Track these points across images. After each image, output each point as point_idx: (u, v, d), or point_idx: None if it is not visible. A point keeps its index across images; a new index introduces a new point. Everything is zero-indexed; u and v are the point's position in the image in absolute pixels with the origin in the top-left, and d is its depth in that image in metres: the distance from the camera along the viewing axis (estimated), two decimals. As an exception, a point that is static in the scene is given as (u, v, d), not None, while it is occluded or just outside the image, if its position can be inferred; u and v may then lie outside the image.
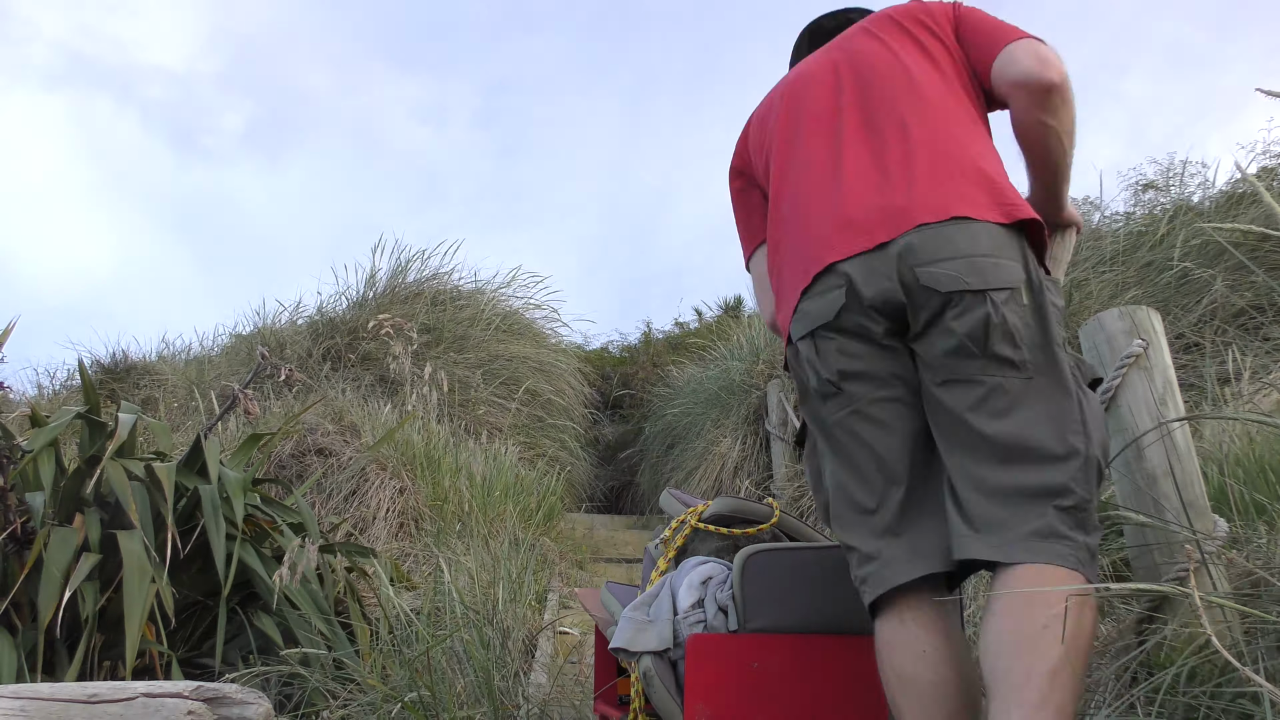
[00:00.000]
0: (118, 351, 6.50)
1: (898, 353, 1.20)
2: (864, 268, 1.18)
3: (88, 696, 1.14)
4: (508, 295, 7.31)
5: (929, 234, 1.15)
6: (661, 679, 1.39)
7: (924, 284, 1.13)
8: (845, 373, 1.19)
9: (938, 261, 1.13)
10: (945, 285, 1.12)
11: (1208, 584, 1.30)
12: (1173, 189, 5.41)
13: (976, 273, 1.12)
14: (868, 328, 1.18)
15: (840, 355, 1.20)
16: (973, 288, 1.11)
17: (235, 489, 2.15)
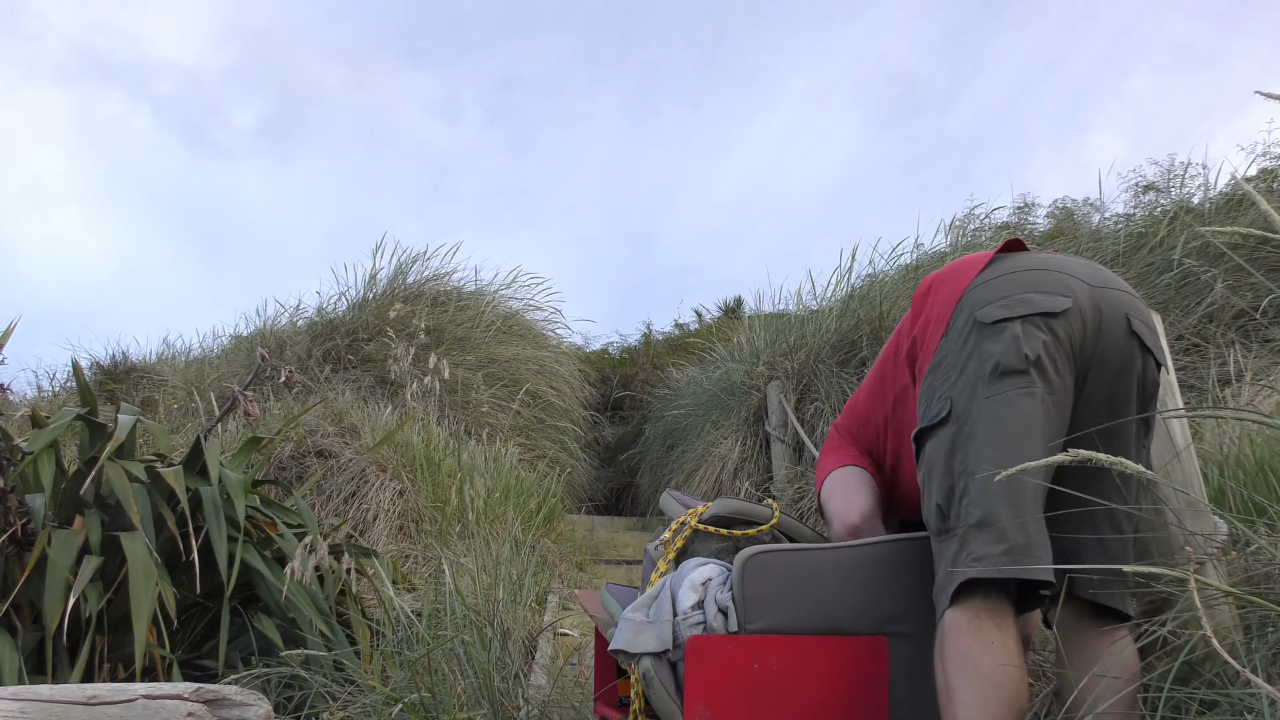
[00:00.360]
0: (117, 353, 6.51)
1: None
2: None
3: (88, 698, 1.14)
4: (508, 296, 7.32)
5: None
6: (661, 680, 1.39)
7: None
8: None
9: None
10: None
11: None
12: (1173, 190, 5.41)
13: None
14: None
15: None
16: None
17: (236, 490, 2.15)
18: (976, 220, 6.26)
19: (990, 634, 1.10)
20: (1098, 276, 1.31)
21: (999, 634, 1.10)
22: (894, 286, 5.13)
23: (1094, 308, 1.25)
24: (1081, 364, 1.25)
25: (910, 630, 1.35)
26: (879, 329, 4.76)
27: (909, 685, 1.34)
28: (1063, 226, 6.15)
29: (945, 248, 5.75)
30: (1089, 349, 1.25)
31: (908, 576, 1.38)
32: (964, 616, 1.13)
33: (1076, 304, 1.24)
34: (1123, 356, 1.25)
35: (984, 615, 1.12)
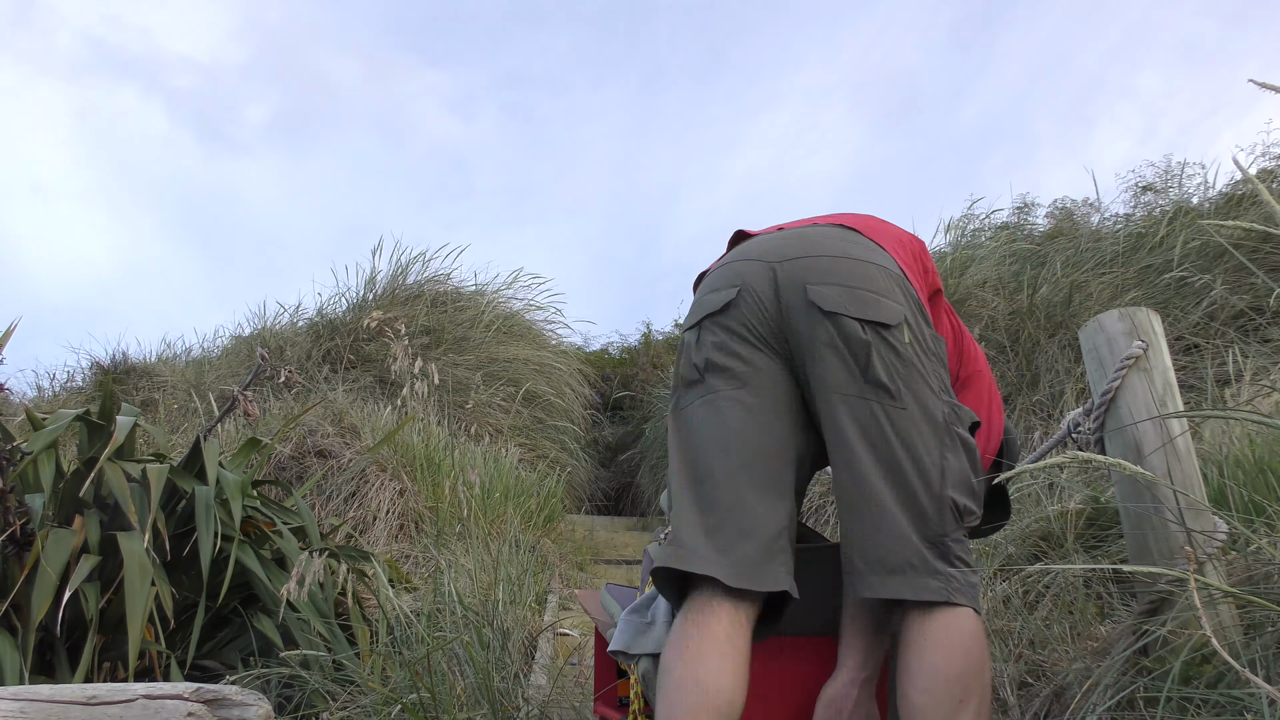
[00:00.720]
0: (117, 353, 6.51)
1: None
2: None
3: (88, 698, 1.14)
4: (508, 297, 7.33)
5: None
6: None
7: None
8: None
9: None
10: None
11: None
12: (1171, 191, 5.42)
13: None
14: None
15: None
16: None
17: (234, 491, 2.15)
18: (976, 220, 6.27)
19: (689, 637, 1.10)
20: (785, 249, 1.23)
21: (697, 635, 1.09)
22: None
23: (770, 285, 1.20)
24: (780, 342, 1.20)
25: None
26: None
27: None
28: (1062, 226, 6.15)
29: (945, 247, 5.76)
30: (778, 326, 1.20)
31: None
32: (675, 626, 1.14)
33: (745, 289, 1.21)
34: (808, 326, 1.17)
35: (688, 621, 1.11)
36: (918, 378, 1.15)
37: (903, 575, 1.09)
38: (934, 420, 1.14)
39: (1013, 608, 1.93)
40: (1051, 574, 1.92)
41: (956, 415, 1.17)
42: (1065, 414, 3.26)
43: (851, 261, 1.20)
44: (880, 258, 1.23)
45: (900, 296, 1.19)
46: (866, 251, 1.23)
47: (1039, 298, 4.39)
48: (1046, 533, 2.15)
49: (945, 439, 1.14)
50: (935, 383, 1.17)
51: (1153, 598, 1.41)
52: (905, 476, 1.11)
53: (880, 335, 1.14)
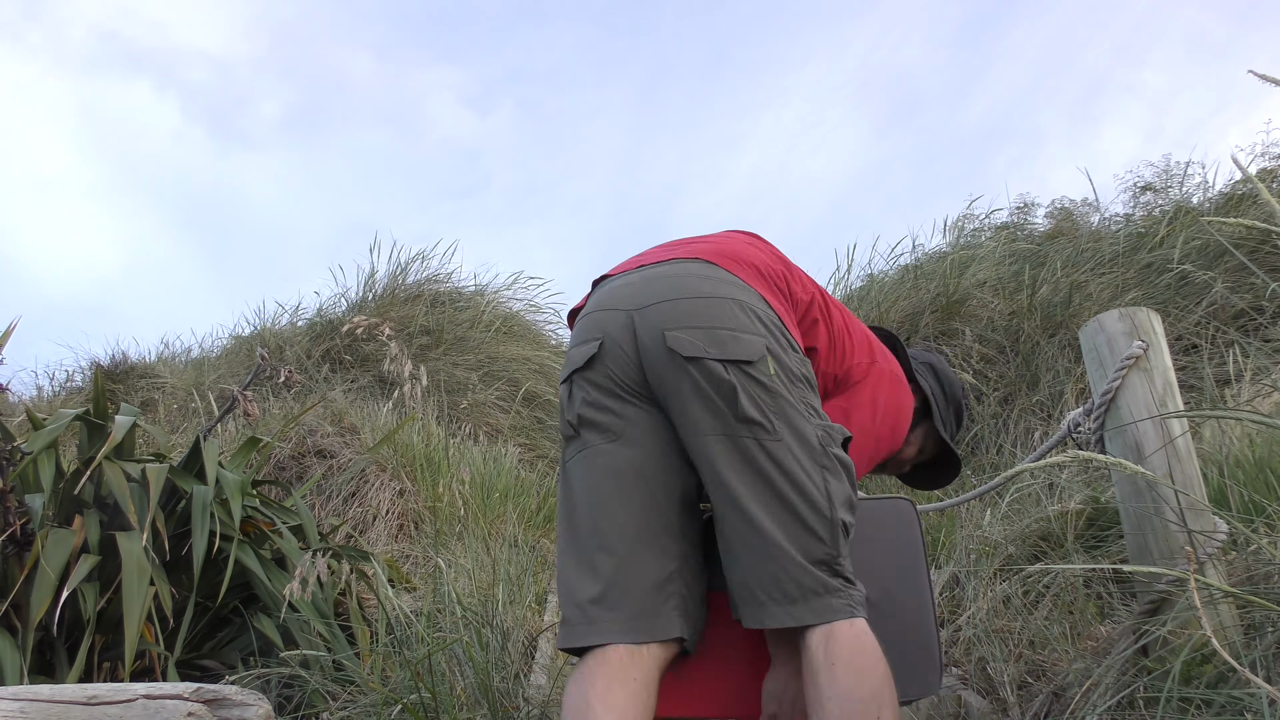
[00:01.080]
0: (117, 353, 6.51)
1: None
2: None
3: (88, 698, 1.14)
4: (508, 297, 7.33)
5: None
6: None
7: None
8: None
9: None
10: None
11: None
12: (1171, 191, 5.42)
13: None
14: None
15: None
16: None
17: (234, 491, 2.15)
18: (976, 220, 6.27)
19: (585, 667, 1.13)
20: (640, 296, 1.23)
21: (587, 680, 1.11)
22: (893, 287, 5.13)
23: (629, 334, 1.20)
24: (647, 389, 1.21)
25: (875, 591, 1.29)
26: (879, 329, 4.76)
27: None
28: (1062, 226, 6.16)
29: (945, 247, 5.76)
30: (641, 375, 1.20)
31: (871, 538, 1.34)
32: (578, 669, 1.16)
33: (608, 340, 1.21)
34: (671, 373, 1.17)
35: (586, 667, 1.14)
36: (787, 406, 1.16)
37: (805, 602, 1.10)
38: (810, 446, 1.15)
39: (1013, 608, 1.93)
40: (1051, 574, 1.92)
41: (830, 436, 1.19)
42: (1065, 414, 3.26)
43: (706, 301, 1.19)
44: (736, 290, 1.22)
45: (760, 328, 1.19)
46: (721, 286, 1.22)
47: (1039, 298, 4.39)
48: (1046, 533, 2.15)
49: (824, 462, 1.16)
50: (804, 408, 1.18)
51: (1153, 598, 1.41)
52: (791, 505, 1.12)
53: (744, 372, 1.15)
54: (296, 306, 6.99)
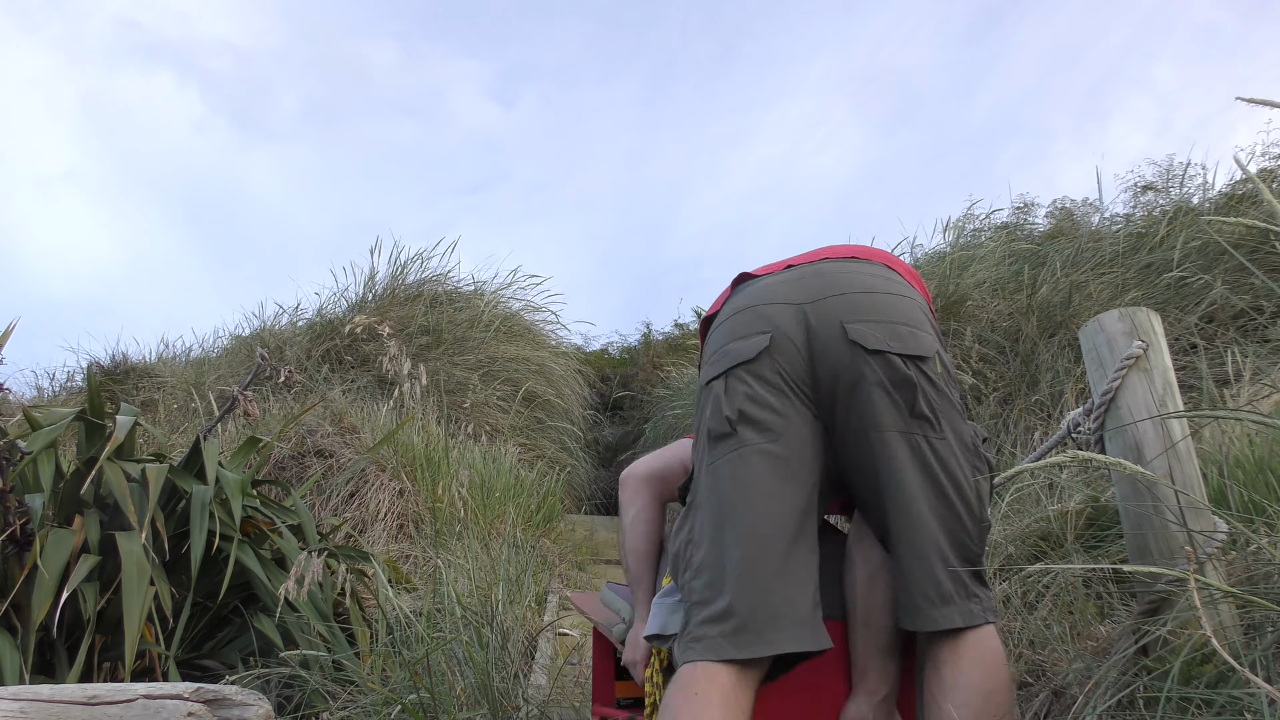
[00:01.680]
0: (117, 353, 6.51)
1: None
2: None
3: (88, 698, 1.14)
4: (507, 297, 7.33)
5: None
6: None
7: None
8: None
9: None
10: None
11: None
12: (1172, 190, 5.42)
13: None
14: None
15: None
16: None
17: (234, 491, 2.15)
18: (976, 220, 6.27)
19: (699, 687, 1.07)
20: (813, 289, 1.21)
21: (706, 686, 1.07)
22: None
23: (801, 328, 1.18)
24: (813, 390, 1.18)
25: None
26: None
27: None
28: (1062, 226, 6.16)
29: (944, 247, 5.76)
30: (809, 371, 1.17)
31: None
32: (685, 671, 1.11)
33: (779, 334, 1.18)
34: (848, 369, 1.15)
35: (699, 672, 1.09)
36: (950, 406, 1.17)
37: (954, 604, 1.11)
38: (966, 445, 1.17)
39: (1013, 608, 1.93)
40: (1051, 574, 1.92)
41: (978, 435, 1.20)
42: (1065, 414, 3.26)
43: (882, 296, 1.20)
44: (904, 288, 1.24)
45: (929, 327, 1.21)
46: (891, 284, 1.23)
47: (1038, 298, 4.39)
48: (1046, 533, 2.15)
49: (976, 461, 1.17)
50: (960, 408, 1.20)
51: (1153, 598, 1.41)
52: (953, 506, 1.13)
53: (920, 369, 1.15)
54: (296, 306, 7.00)
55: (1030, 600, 1.97)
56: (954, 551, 1.12)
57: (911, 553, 1.13)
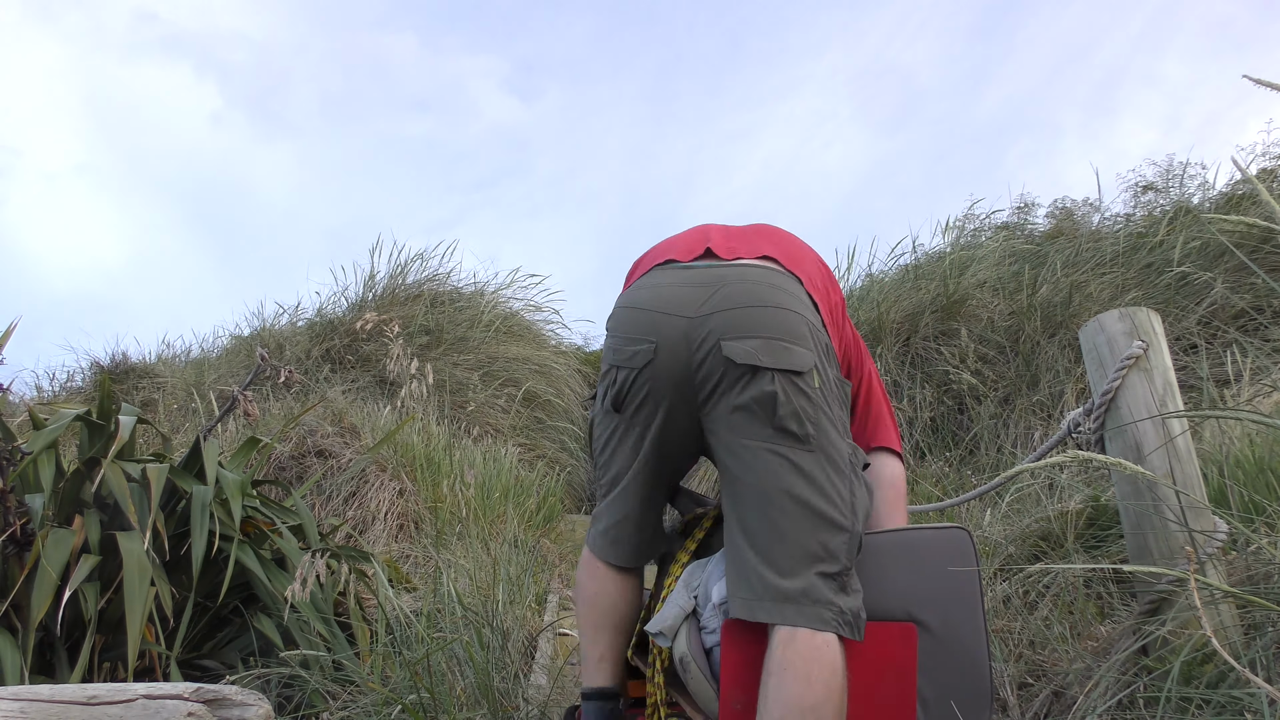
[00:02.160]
0: (117, 353, 6.51)
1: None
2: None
3: (88, 698, 1.14)
4: (508, 297, 7.34)
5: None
6: (698, 666, 1.40)
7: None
8: None
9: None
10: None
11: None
12: (1172, 190, 5.42)
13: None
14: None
15: None
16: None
17: (234, 491, 2.15)
18: (976, 220, 6.27)
19: (593, 568, 1.49)
20: (700, 301, 1.27)
21: (596, 568, 1.49)
22: (893, 287, 5.13)
23: (683, 341, 1.25)
24: (688, 389, 1.26)
25: (934, 618, 1.35)
26: (878, 329, 4.76)
27: (927, 674, 1.33)
28: (1062, 226, 6.16)
29: (945, 247, 5.76)
30: (686, 377, 1.25)
31: (933, 564, 1.37)
32: (584, 554, 1.52)
33: (661, 345, 1.26)
34: (719, 381, 1.22)
35: (588, 556, 1.51)
36: (825, 420, 1.20)
37: (796, 604, 1.13)
38: (841, 459, 1.20)
39: (1013, 608, 1.93)
40: (1051, 574, 1.92)
41: (856, 455, 1.24)
42: (1065, 414, 3.26)
43: (764, 310, 1.23)
44: (794, 302, 1.26)
45: (810, 342, 1.22)
46: (777, 294, 1.25)
47: (1039, 298, 4.39)
48: (1046, 533, 2.15)
49: (853, 477, 1.20)
50: (839, 425, 1.22)
51: (1153, 598, 1.41)
52: (812, 514, 1.15)
53: (791, 382, 1.18)
54: (297, 306, 7.00)
55: (1030, 600, 1.97)
56: (808, 560, 1.14)
57: (744, 549, 1.19)
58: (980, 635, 1.34)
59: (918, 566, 1.37)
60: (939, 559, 1.37)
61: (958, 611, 1.34)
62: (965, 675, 1.31)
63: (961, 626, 1.33)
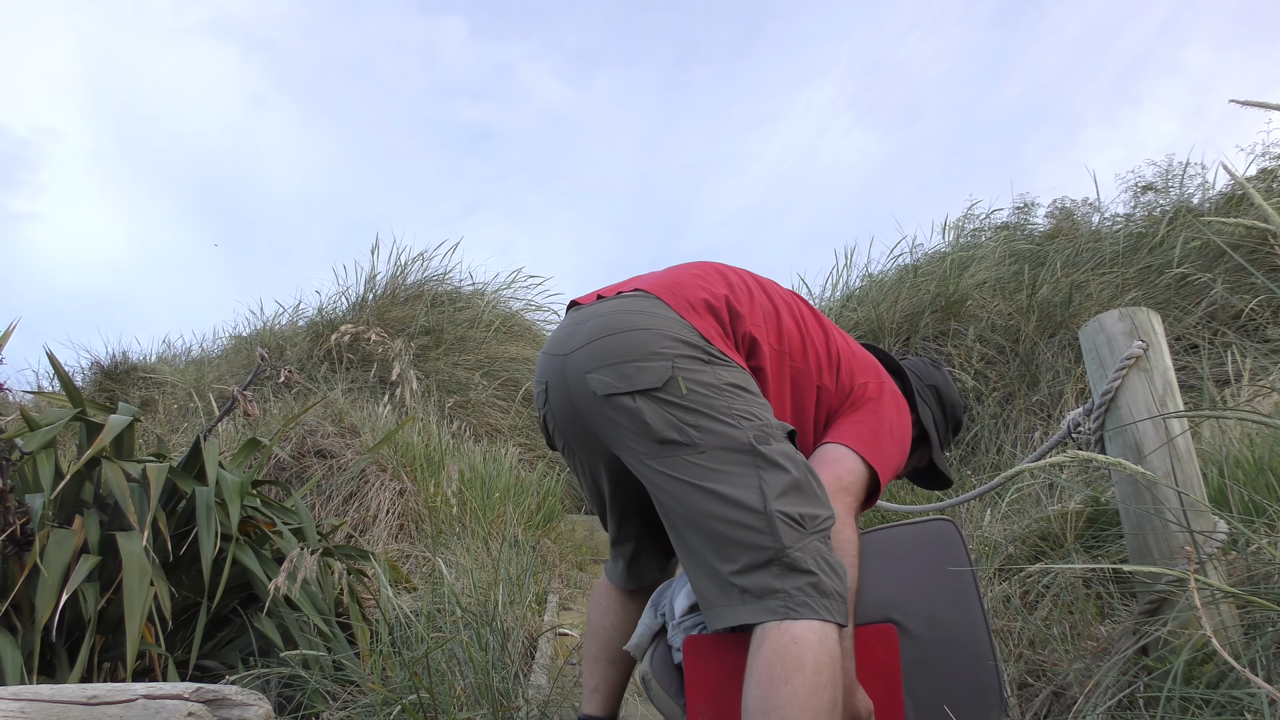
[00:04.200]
0: (117, 353, 6.51)
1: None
2: None
3: (88, 698, 1.14)
4: (507, 297, 7.34)
5: None
6: (660, 683, 1.41)
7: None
8: None
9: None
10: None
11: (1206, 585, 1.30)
12: (1172, 191, 5.42)
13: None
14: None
15: None
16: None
17: (233, 491, 2.15)
18: (976, 220, 6.28)
19: (598, 593, 1.67)
20: (571, 340, 1.33)
21: (600, 593, 1.66)
22: (893, 286, 5.14)
23: (561, 380, 1.33)
24: (585, 429, 1.33)
25: (921, 617, 1.32)
26: (878, 329, 4.76)
27: (920, 674, 1.31)
28: (1062, 226, 6.16)
29: (944, 247, 5.76)
30: (579, 416, 1.32)
31: (903, 562, 1.36)
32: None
33: (549, 386, 1.37)
34: (597, 414, 1.28)
35: (600, 579, 1.66)
36: (707, 418, 1.20)
37: (742, 604, 1.12)
38: (739, 449, 1.18)
39: (1013, 608, 1.93)
40: (1051, 574, 1.92)
41: (766, 434, 1.21)
42: (1065, 414, 3.26)
43: (618, 337, 1.27)
44: (647, 320, 1.28)
45: (669, 353, 1.23)
46: (632, 318, 1.29)
47: (1039, 298, 4.39)
48: (1046, 533, 2.15)
49: (758, 461, 1.17)
50: (731, 416, 1.21)
51: (1153, 598, 1.41)
52: (719, 516, 1.15)
53: (653, 398, 1.21)
54: (297, 305, 7.01)
55: (1030, 600, 1.97)
56: (726, 560, 1.14)
57: (691, 564, 1.21)
58: (979, 631, 1.31)
59: (900, 565, 1.35)
60: (923, 555, 1.35)
61: (949, 607, 1.31)
62: (965, 673, 1.30)
63: (953, 626, 1.31)
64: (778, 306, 1.42)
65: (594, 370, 1.26)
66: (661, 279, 1.39)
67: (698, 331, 1.27)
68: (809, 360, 1.40)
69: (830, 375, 1.42)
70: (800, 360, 1.39)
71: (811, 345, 1.42)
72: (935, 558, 1.35)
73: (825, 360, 1.42)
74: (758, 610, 1.10)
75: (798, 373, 1.38)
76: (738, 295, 1.38)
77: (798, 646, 1.06)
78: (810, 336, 1.42)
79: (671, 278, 1.39)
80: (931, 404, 1.66)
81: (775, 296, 1.45)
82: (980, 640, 1.31)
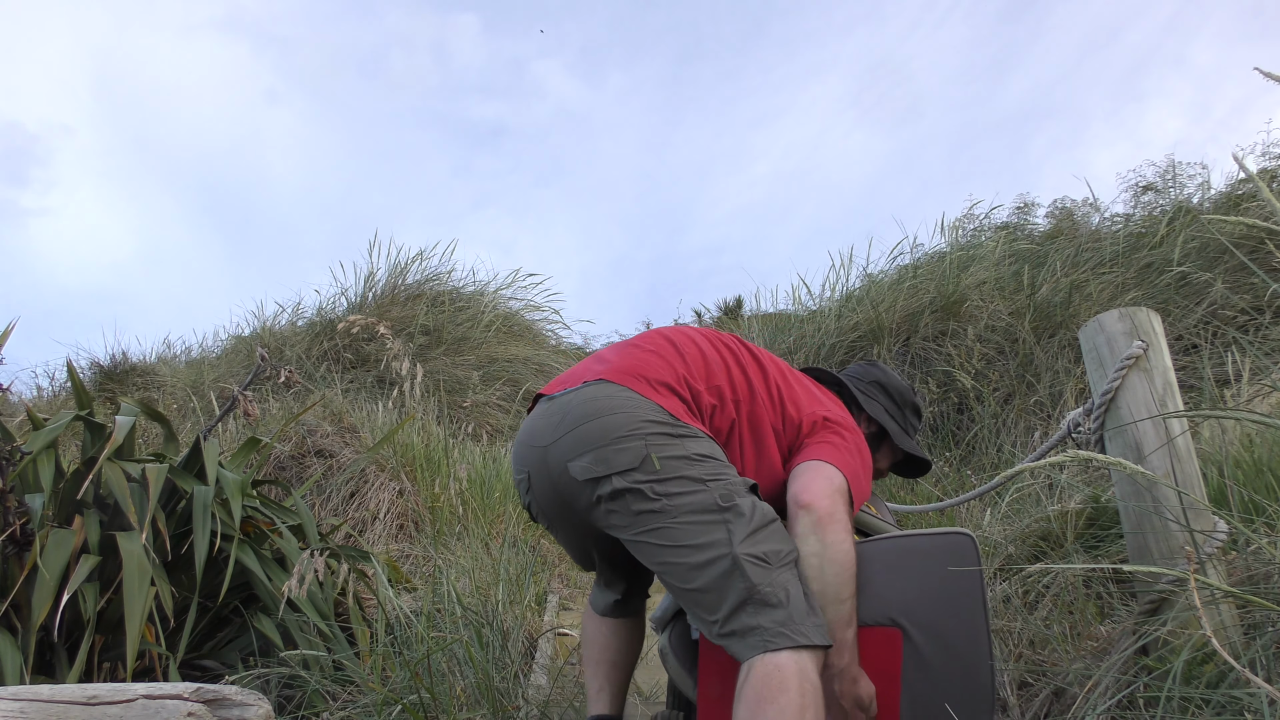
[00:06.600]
0: (117, 353, 6.52)
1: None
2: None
3: (88, 698, 1.14)
4: (507, 297, 7.35)
5: None
6: (676, 656, 1.58)
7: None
8: None
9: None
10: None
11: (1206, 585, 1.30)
12: (1172, 190, 5.43)
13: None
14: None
15: None
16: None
17: (234, 491, 2.15)
18: (976, 220, 6.28)
19: (585, 612, 1.75)
20: (552, 431, 1.43)
21: (587, 612, 1.74)
22: (892, 287, 5.14)
23: (543, 469, 1.44)
24: (570, 511, 1.44)
25: (927, 624, 1.35)
26: (877, 329, 4.76)
27: (918, 677, 1.34)
28: (1062, 226, 6.16)
29: (944, 247, 5.76)
30: (558, 497, 1.44)
31: (916, 569, 1.38)
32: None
33: (531, 476, 1.48)
34: (579, 496, 1.38)
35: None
36: (676, 486, 1.32)
37: (730, 639, 1.24)
38: (709, 510, 1.30)
39: (1013, 608, 1.93)
40: (1051, 574, 1.92)
41: (731, 491, 1.33)
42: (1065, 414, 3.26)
43: (594, 423, 1.38)
44: (617, 403, 1.40)
45: (641, 432, 1.35)
46: (603, 404, 1.40)
47: (1039, 298, 4.39)
48: (1046, 533, 2.15)
49: (725, 515, 1.30)
50: (699, 483, 1.33)
51: (1153, 598, 1.41)
52: (697, 572, 1.28)
53: (630, 476, 1.33)
54: (296, 305, 7.01)
55: (1030, 600, 1.97)
56: (708, 610, 1.27)
57: (691, 616, 1.33)
58: (980, 641, 1.34)
59: (913, 573, 1.39)
60: (938, 565, 1.38)
61: (954, 617, 1.35)
62: (960, 680, 1.32)
63: (957, 633, 1.34)
64: (724, 357, 1.55)
65: (574, 458, 1.37)
66: (622, 364, 1.50)
67: (664, 410, 1.39)
68: (757, 401, 1.52)
69: (776, 413, 1.54)
70: (749, 403, 1.51)
71: (757, 387, 1.54)
72: (948, 569, 1.38)
73: (768, 399, 1.54)
74: (743, 649, 1.21)
75: (753, 415, 1.50)
76: (692, 369, 1.51)
77: (781, 673, 1.17)
78: (753, 379, 1.55)
79: (630, 362, 1.51)
80: (879, 398, 1.78)
81: (721, 347, 1.58)
82: (979, 648, 1.34)
